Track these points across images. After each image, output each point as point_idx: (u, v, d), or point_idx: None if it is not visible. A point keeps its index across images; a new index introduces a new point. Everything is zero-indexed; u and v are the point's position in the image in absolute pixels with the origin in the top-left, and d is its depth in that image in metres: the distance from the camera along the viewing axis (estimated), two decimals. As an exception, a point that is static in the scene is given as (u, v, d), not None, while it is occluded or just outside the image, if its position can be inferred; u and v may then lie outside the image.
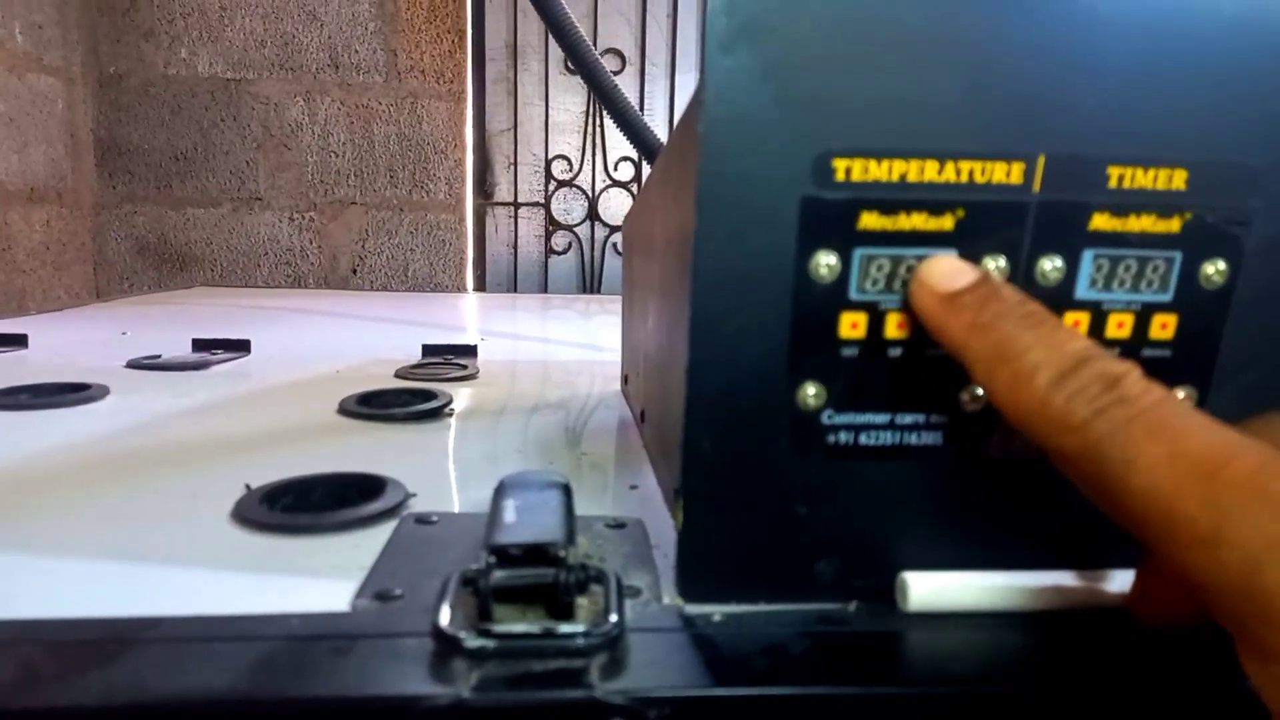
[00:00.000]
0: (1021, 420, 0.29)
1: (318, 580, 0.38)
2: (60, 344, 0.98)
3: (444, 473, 0.54)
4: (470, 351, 0.96)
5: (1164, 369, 0.35)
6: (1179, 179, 0.33)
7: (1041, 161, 0.32)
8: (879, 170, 0.32)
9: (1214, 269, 0.34)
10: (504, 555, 0.34)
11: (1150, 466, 0.26)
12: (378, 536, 0.42)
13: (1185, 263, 0.34)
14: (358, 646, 0.32)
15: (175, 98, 2.24)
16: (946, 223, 0.32)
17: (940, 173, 0.32)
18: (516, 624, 0.31)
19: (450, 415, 0.67)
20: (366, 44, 2.28)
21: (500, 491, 0.41)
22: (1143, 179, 0.33)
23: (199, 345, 0.95)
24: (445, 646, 0.31)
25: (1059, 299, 0.34)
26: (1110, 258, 0.33)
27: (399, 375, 0.84)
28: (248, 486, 0.47)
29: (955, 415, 0.35)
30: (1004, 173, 0.32)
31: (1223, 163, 0.33)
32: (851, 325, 0.33)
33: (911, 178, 0.32)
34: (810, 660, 0.32)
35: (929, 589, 0.35)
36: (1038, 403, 0.28)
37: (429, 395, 0.69)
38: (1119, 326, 0.34)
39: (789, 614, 0.35)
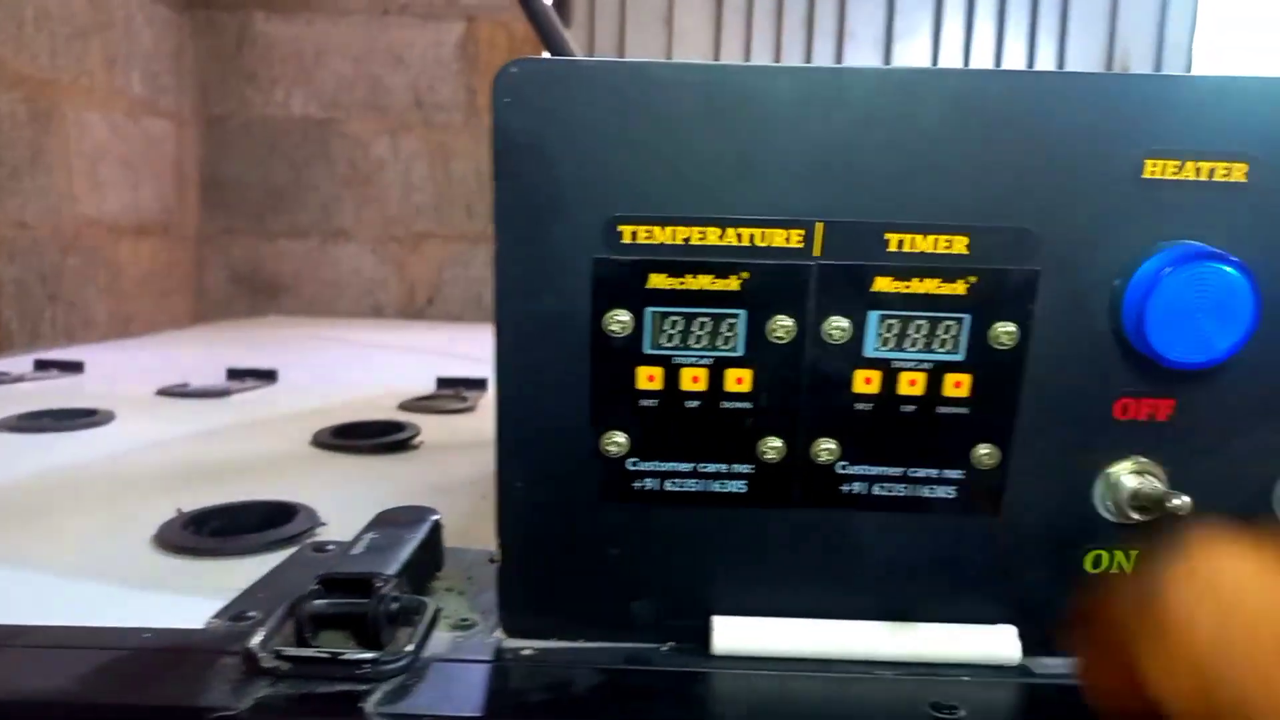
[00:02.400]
0: None
1: (195, 599, 0.41)
2: (114, 372, 1.07)
3: (370, 503, 0.57)
4: (480, 385, 1.00)
5: (963, 427, 0.35)
6: (959, 244, 0.34)
7: (820, 228, 0.34)
8: (664, 234, 0.34)
9: (1003, 330, 0.34)
10: (332, 584, 0.37)
11: None
12: (278, 561, 0.46)
13: (975, 324, 0.34)
14: (186, 660, 0.35)
15: (271, 136, 2.40)
16: (733, 284, 0.34)
17: (722, 238, 0.34)
18: (307, 649, 0.34)
19: (417, 447, 0.71)
20: (448, 84, 2.39)
21: (371, 525, 0.44)
22: (922, 244, 0.34)
23: (232, 374, 1.02)
24: (248, 666, 0.34)
25: (848, 357, 0.35)
26: (899, 319, 0.34)
27: (401, 406, 0.88)
28: (179, 511, 0.52)
29: (758, 464, 0.36)
30: (784, 238, 0.34)
31: (1002, 229, 0.33)
32: (648, 378, 0.35)
33: (695, 241, 0.34)
34: (586, 697, 0.33)
35: (733, 633, 0.37)
36: None
37: (399, 428, 0.73)
38: (911, 384, 0.35)
39: (603, 652, 0.37)
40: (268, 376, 1.02)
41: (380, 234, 2.48)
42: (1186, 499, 0.33)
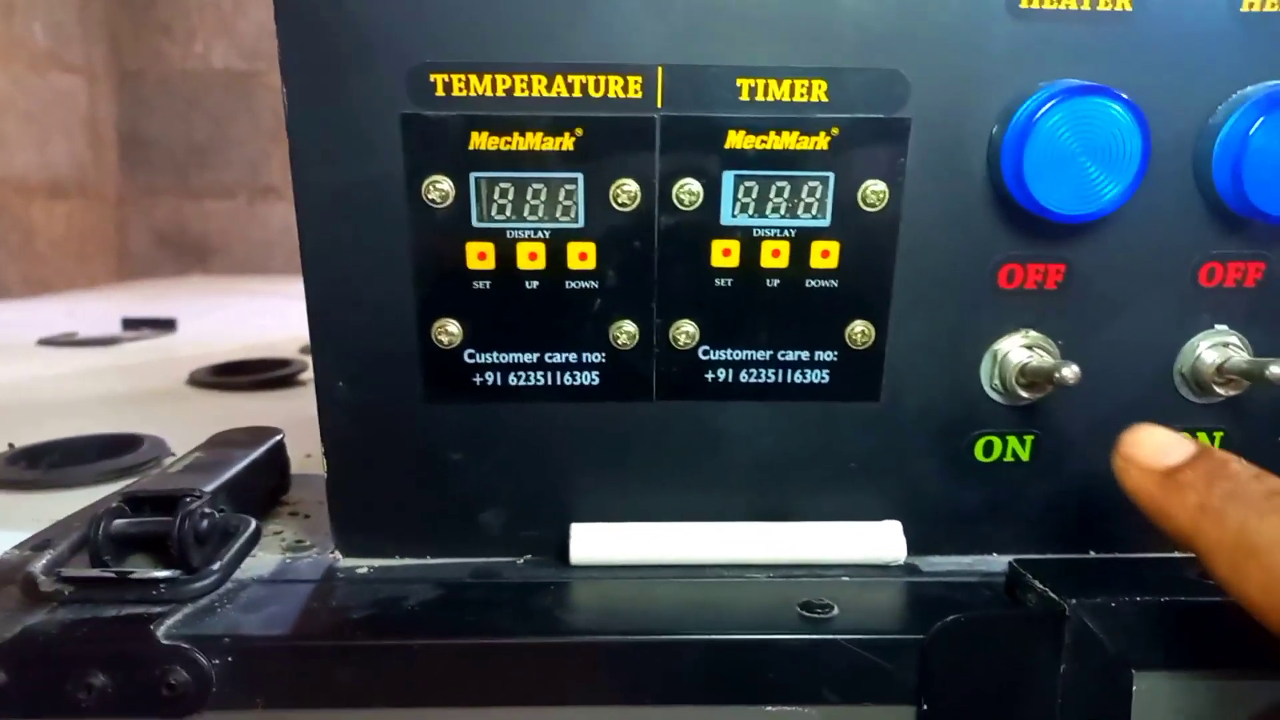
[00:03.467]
0: None
1: (6, 532, 0.37)
2: (6, 323, 1.00)
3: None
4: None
5: (834, 302, 0.32)
6: (819, 90, 0.30)
7: (661, 73, 0.29)
8: (483, 84, 0.29)
9: (872, 189, 0.30)
10: (137, 502, 0.32)
11: None
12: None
13: (840, 183, 0.30)
14: (-35, 593, 0.31)
15: (192, 91, 2.29)
16: (567, 142, 0.30)
17: (550, 87, 0.29)
18: (92, 570, 0.30)
19: (304, 384, 0.66)
20: (375, 33, 2.30)
21: (202, 445, 0.39)
22: (778, 91, 0.30)
23: (128, 324, 0.96)
24: (26, 592, 0.29)
25: (703, 227, 0.31)
26: (758, 179, 0.30)
27: (303, 350, 0.83)
28: (10, 446, 0.47)
29: (611, 353, 0.32)
30: (621, 86, 0.29)
31: (867, 71, 0.29)
32: (479, 255, 0.31)
33: (520, 92, 0.29)
34: (417, 612, 0.30)
35: (593, 541, 0.33)
36: None
37: (285, 364, 0.68)
38: (774, 255, 0.31)
39: (449, 568, 0.33)
40: (166, 326, 0.97)
41: (310, 190, 2.37)
42: (1075, 368, 0.30)
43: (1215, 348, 0.32)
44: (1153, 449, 0.26)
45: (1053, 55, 0.30)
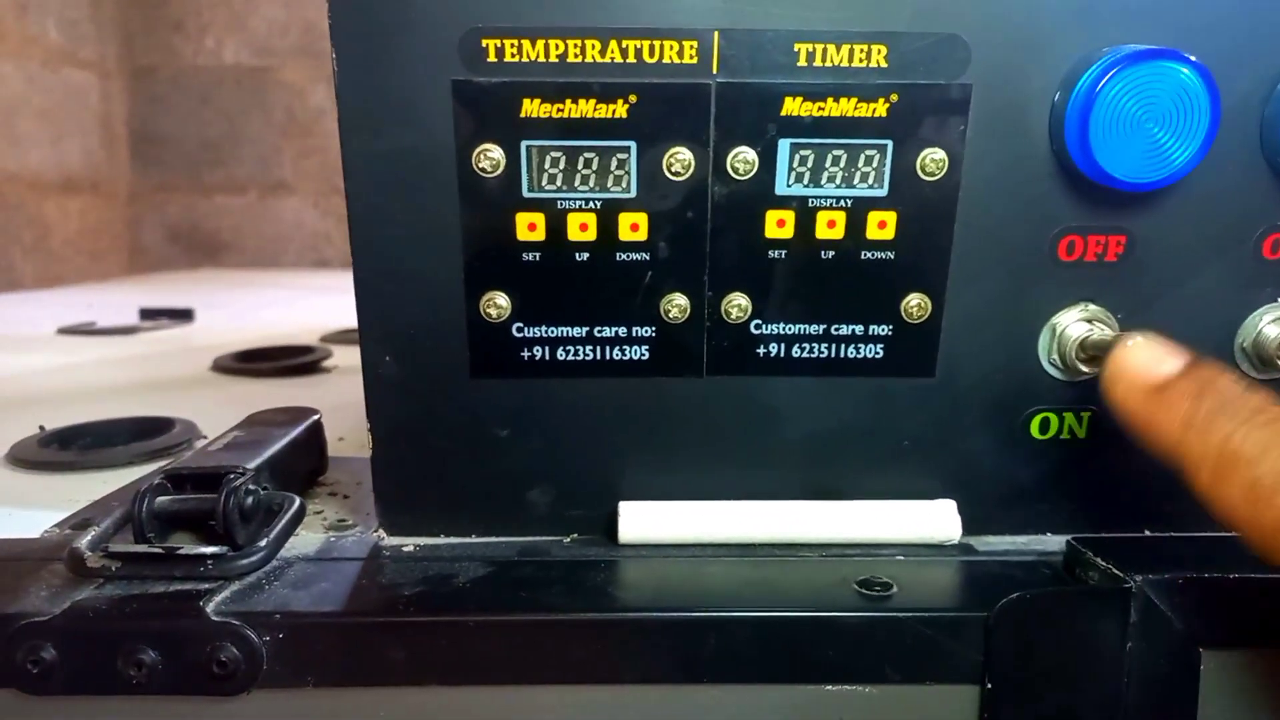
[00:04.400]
0: (1263, 541, 0.23)
1: (41, 513, 0.37)
2: (20, 314, 1.00)
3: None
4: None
5: (890, 274, 0.31)
6: (878, 55, 0.29)
7: (716, 38, 0.29)
8: (535, 50, 0.29)
9: (931, 158, 0.30)
10: (179, 480, 0.32)
11: None
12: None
13: (898, 152, 0.30)
14: (8, 569, 0.30)
15: (203, 87, 2.29)
16: (620, 110, 0.29)
17: (604, 53, 0.29)
18: (139, 546, 0.29)
19: (328, 371, 0.66)
20: (386, 28, 2.30)
21: (240, 425, 0.39)
22: (836, 56, 0.29)
23: (145, 314, 0.96)
24: (73, 568, 0.29)
25: (757, 196, 0.30)
26: (814, 148, 0.30)
27: (323, 339, 0.83)
28: (41, 428, 0.46)
29: (661, 327, 0.31)
30: (675, 52, 0.29)
31: (927, 36, 0.29)
32: (529, 226, 0.30)
33: (573, 58, 0.29)
34: (467, 590, 0.29)
35: (642, 519, 0.32)
36: None
37: (309, 351, 0.68)
38: (830, 226, 0.30)
39: (496, 546, 0.33)
40: (183, 316, 0.96)
41: (322, 185, 2.39)
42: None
43: (1277, 321, 0.32)
44: (1142, 362, 0.26)
45: (1116, 18, 0.29)
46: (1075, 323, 0.31)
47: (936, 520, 0.33)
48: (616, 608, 0.28)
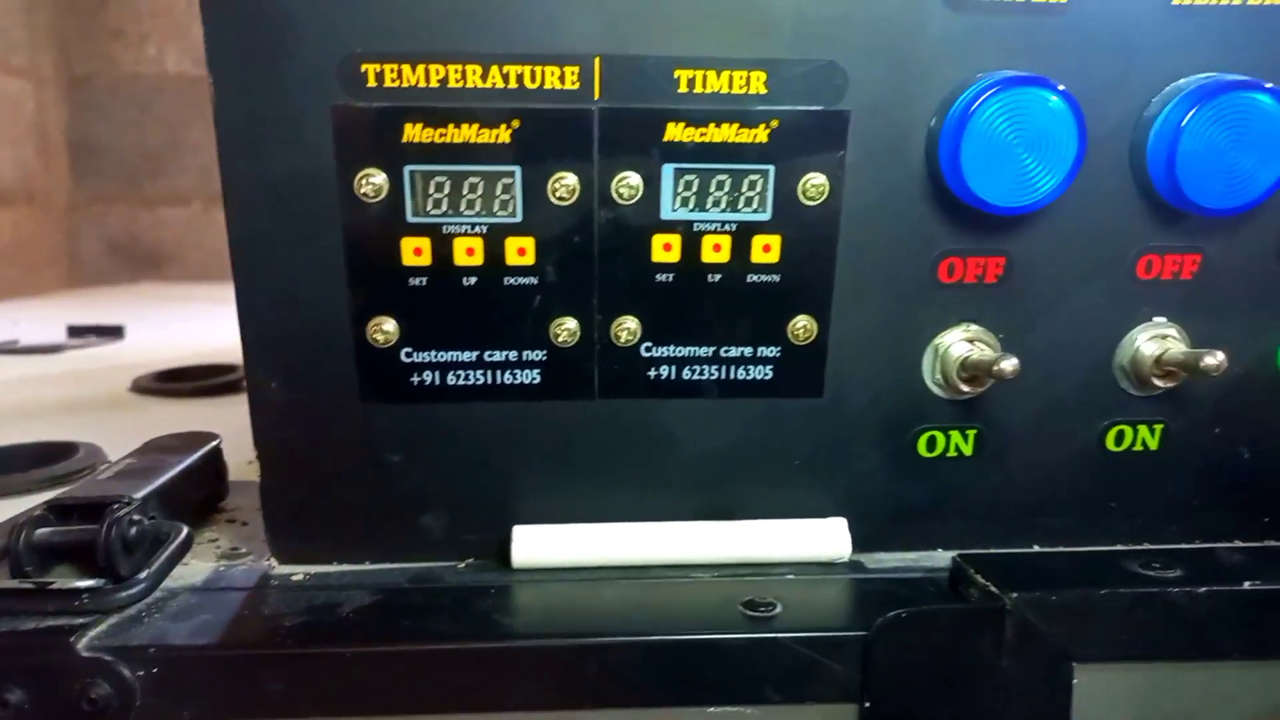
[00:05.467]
0: None
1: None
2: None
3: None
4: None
5: (777, 297, 0.31)
6: (757, 81, 0.29)
7: (598, 64, 0.29)
8: (416, 75, 0.29)
9: (812, 184, 0.30)
10: (62, 510, 0.31)
11: None
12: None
13: (780, 177, 0.30)
14: (-125, 607, 0.29)
15: (144, 96, 2.25)
16: (503, 135, 0.29)
17: (485, 77, 0.29)
18: (9, 581, 0.29)
19: (251, 389, 0.65)
20: (332, 38, 2.28)
21: (136, 451, 0.38)
22: (716, 83, 0.29)
23: (73, 331, 0.94)
24: (-60, 604, 0.28)
25: (643, 221, 0.30)
26: (698, 173, 0.30)
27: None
28: (-64, 455, 0.45)
29: (552, 350, 0.32)
30: (557, 77, 0.29)
31: (805, 63, 0.29)
32: (415, 251, 0.30)
33: (454, 83, 0.29)
34: (350, 620, 0.29)
35: (535, 543, 0.32)
36: None
37: (232, 369, 0.67)
38: (716, 250, 0.31)
39: (387, 573, 0.33)
40: (113, 333, 0.94)
41: (267, 197, 2.34)
42: (1014, 361, 0.30)
43: (1154, 340, 0.32)
44: None
45: (990, 47, 0.30)
46: (958, 342, 0.32)
47: (827, 539, 0.33)
48: (499, 635, 0.28)
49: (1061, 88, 0.29)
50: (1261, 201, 0.30)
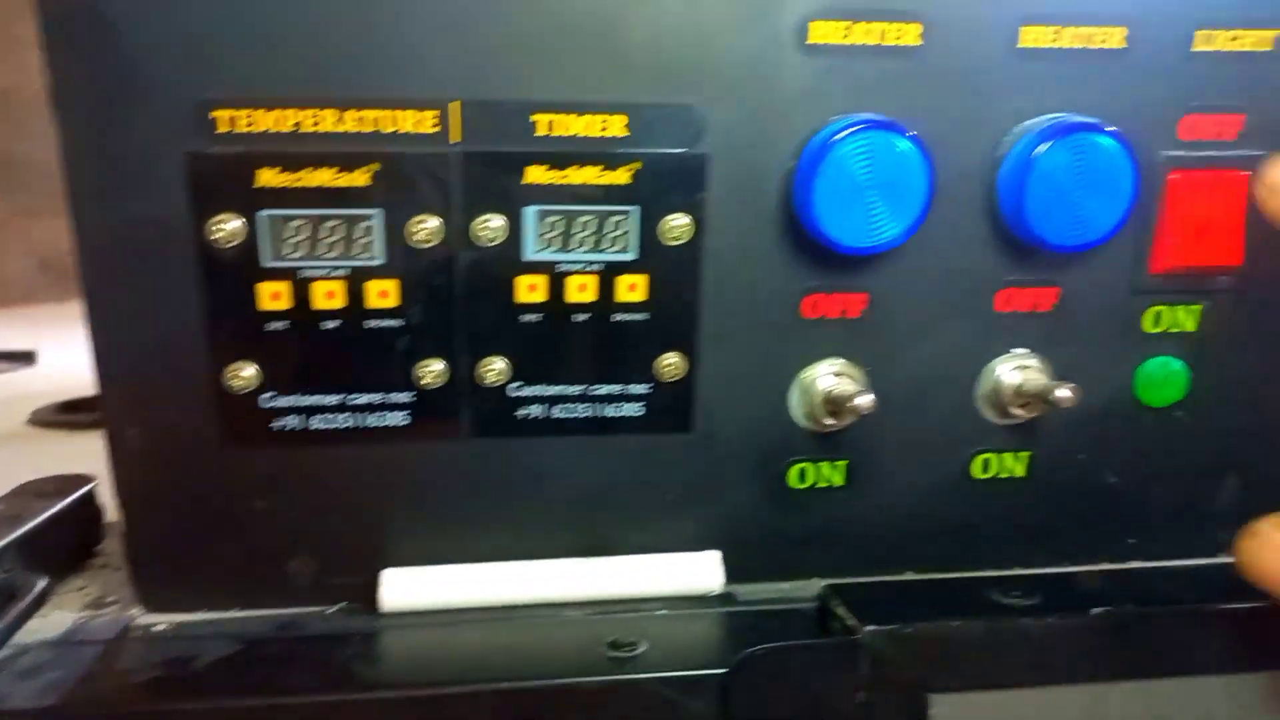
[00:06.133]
0: None
1: None
2: None
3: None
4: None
5: (644, 335, 0.32)
6: (618, 125, 0.30)
7: (456, 109, 0.29)
8: (269, 119, 0.28)
9: (675, 224, 0.30)
10: (-92, 565, 0.30)
11: None
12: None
13: (644, 218, 0.30)
14: None
15: (68, 110, 2.19)
16: (362, 178, 0.29)
17: (340, 122, 0.29)
18: None
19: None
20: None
21: (4, 497, 0.37)
22: (576, 125, 0.29)
23: (-22, 357, 0.91)
24: None
25: (506, 262, 0.30)
26: (562, 214, 0.30)
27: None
28: None
29: (418, 392, 0.31)
30: (414, 121, 0.29)
31: (664, 107, 0.30)
32: (272, 296, 0.30)
33: (309, 128, 0.29)
34: (204, 673, 0.28)
35: (404, 586, 0.32)
36: None
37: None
38: (581, 290, 0.31)
39: (254, 621, 0.32)
40: (22, 359, 0.92)
41: (199, 211, 2.30)
42: (870, 397, 0.30)
43: (1014, 371, 0.33)
44: None
45: (844, 89, 0.30)
46: (823, 377, 0.32)
47: (699, 572, 0.33)
48: (353, 686, 0.28)
49: (911, 132, 0.29)
50: (1109, 239, 0.31)
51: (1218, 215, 0.32)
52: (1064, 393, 0.31)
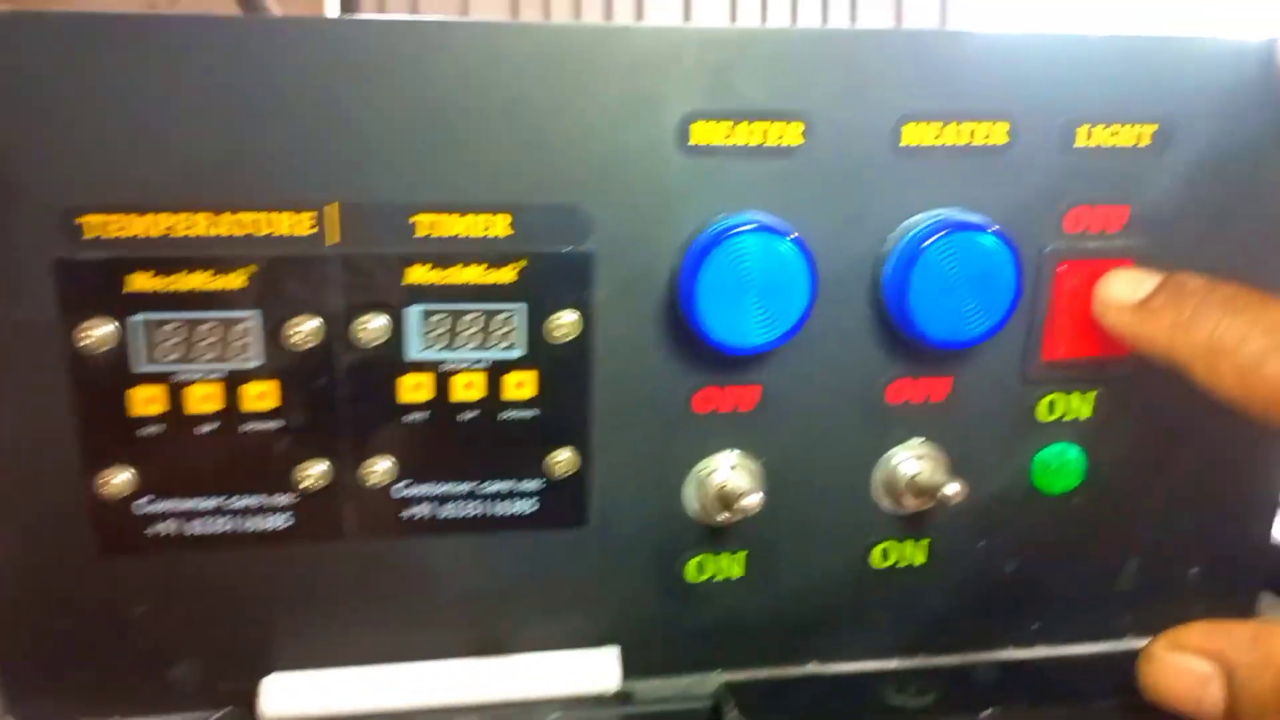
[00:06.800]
0: (1261, 413, 0.26)
1: None
2: None
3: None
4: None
5: (534, 432, 0.31)
6: (501, 224, 0.29)
7: (333, 211, 0.29)
8: (140, 225, 0.28)
9: (564, 321, 0.30)
10: None
11: None
12: None
13: (532, 316, 0.30)
14: None
15: None
16: (238, 281, 0.29)
17: (214, 226, 0.28)
18: None
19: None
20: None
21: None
22: (457, 226, 0.29)
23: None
24: None
25: (389, 363, 0.30)
26: (446, 313, 0.30)
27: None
28: None
29: (301, 494, 0.31)
30: (290, 224, 0.28)
31: (548, 207, 0.29)
32: (146, 401, 0.29)
33: (181, 232, 0.28)
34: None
35: (287, 693, 0.31)
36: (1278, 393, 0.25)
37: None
38: (468, 388, 0.30)
39: (135, 729, 0.31)
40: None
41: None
42: (758, 495, 0.30)
43: (908, 462, 0.33)
44: (1122, 287, 0.30)
45: (728, 188, 0.30)
46: (717, 471, 0.32)
47: (594, 671, 0.33)
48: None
49: (793, 234, 0.29)
50: (994, 334, 0.31)
51: (1104, 307, 0.32)
52: (952, 489, 0.31)
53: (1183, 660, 0.26)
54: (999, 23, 1.32)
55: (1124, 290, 0.30)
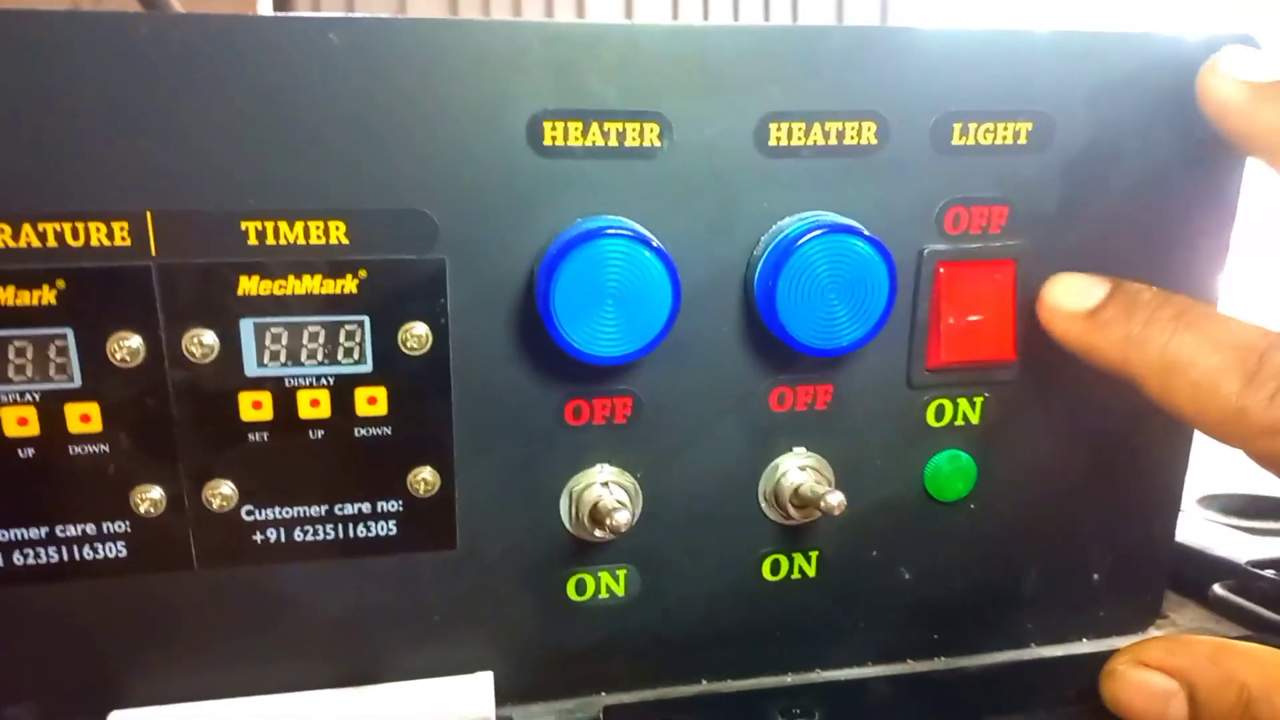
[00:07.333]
0: (1215, 431, 0.26)
1: None
2: None
3: None
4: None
5: (389, 449, 0.29)
6: (337, 232, 0.27)
7: (152, 220, 0.26)
8: (-68, 239, 0.25)
9: (413, 333, 0.28)
10: None
11: None
12: None
13: (377, 328, 0.28)
14: None
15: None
16: (48, 296, 0.26)
17: (17, 237, 0.26)
18: None
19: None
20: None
21: None
22: (290, 234, 0.27)
23: None
24: None
25: (224, 379, 0.28)
26: (285, 326, 0.28)
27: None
28: None
29: (136, 521, 0.29)
30: (104, 234, 0.26)
31: (388, 213, 0.27)
32: (-44, 426, 0.27)
33: (-19, 245, 0.26)
34: None
35: (129, 732, 0.29)
36: (1233, 412, 0.24)
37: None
38: (314, 405, 0.28)
39: (-33, 776, 0.29)
40: None
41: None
42: (625, 514, 0.28)
43: (794, 470, 0.32)
44: (1071, 294, 0.28)
45: (585, 192, 0.28)
46: (592, 485, 0.31)
47: (466, 699, 0.31)
48: None
49: (655, 243, 0.28)
50: (868, 341, 0.30)
51: (989, 306, 0.31)
52: (835, 499, 0.30)
53: (1145, 677, 0.26)
54: (940, 18, 1.29)
55: (1072, 298, 0.29)
